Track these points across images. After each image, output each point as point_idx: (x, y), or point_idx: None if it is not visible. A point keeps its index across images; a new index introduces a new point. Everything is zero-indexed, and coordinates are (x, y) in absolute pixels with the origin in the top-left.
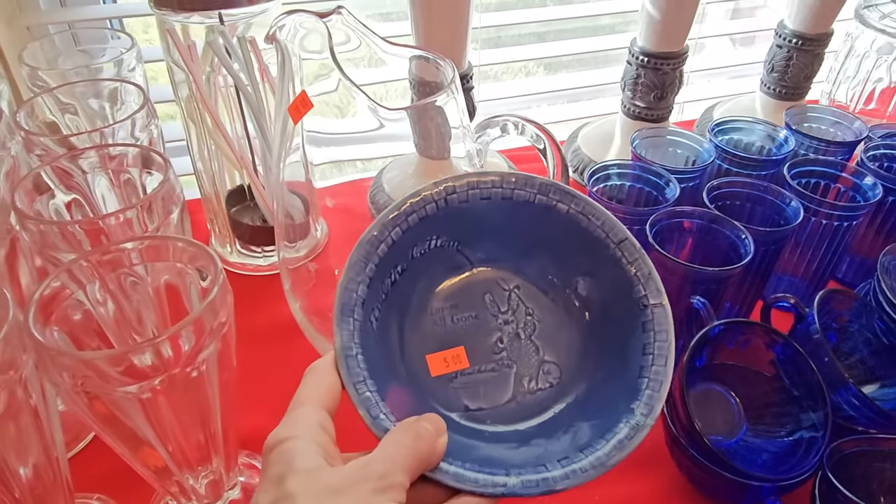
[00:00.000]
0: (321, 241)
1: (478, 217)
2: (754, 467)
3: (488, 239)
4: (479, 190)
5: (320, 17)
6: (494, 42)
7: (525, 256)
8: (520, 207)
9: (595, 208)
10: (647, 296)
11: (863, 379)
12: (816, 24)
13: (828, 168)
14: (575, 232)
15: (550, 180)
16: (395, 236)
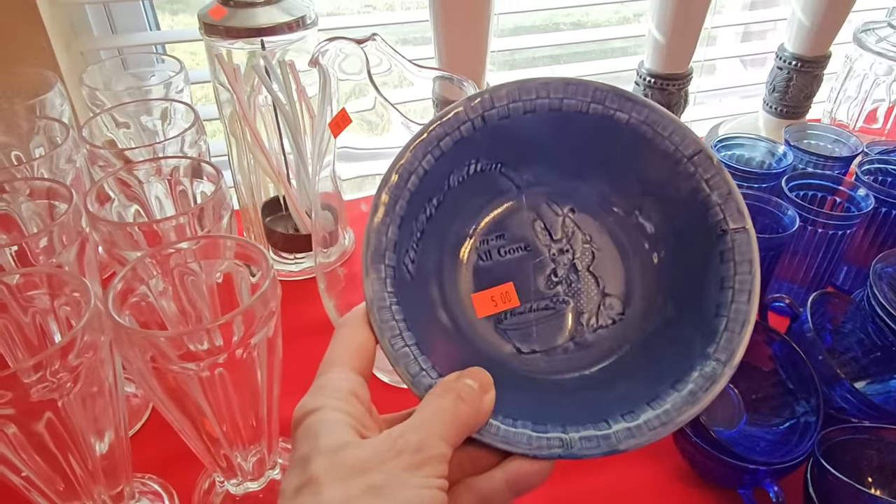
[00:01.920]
0: (349, 248)
1: (523, 134)
2: (753, 454)
3: (536, 158)
4: (522, 102)
5: (358, 44)
6: (510, 64)
7: (580, 176)
8: (571, 119)
9: (663, 116)
10: (725, 219)
11: (856, 375)
12: (814, 48)
13: (823, 181)
14: (638, 145)
15: (607, 84)
16: (426, 165)
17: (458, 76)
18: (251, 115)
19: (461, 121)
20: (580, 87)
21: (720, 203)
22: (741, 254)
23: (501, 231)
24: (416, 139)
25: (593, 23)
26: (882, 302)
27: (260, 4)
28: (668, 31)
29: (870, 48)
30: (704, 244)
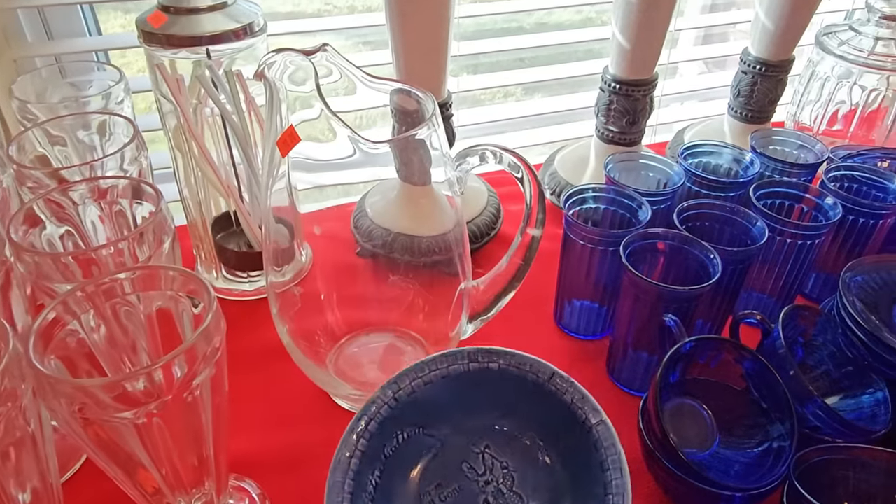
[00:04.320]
0: (306, 266)
1: (429, 400)
2: (727, 478)
3: (447, 414)
4: (420, 378)
5: (306, 55)
6: (473, 68)
7: (483, 417)
8: (460, 378)
9: (521, 357)
10: (588, 417)
11: (828, 390)
12: (778, 52)
13: (791, 189)
14: (511, 382)
15: (476, 347)
16: (362, 447)
17: (416, 88)
18: (198, 127)
19: (380, 406)
20: (458, 354)
21: (580, 406)
22: (606, 440)
23: (437, 479)
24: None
25: (556, 23)
26: (852, 313)
27: (203, 11)
28: (632, 36)
29: (831, 51)
30: (582, 440)
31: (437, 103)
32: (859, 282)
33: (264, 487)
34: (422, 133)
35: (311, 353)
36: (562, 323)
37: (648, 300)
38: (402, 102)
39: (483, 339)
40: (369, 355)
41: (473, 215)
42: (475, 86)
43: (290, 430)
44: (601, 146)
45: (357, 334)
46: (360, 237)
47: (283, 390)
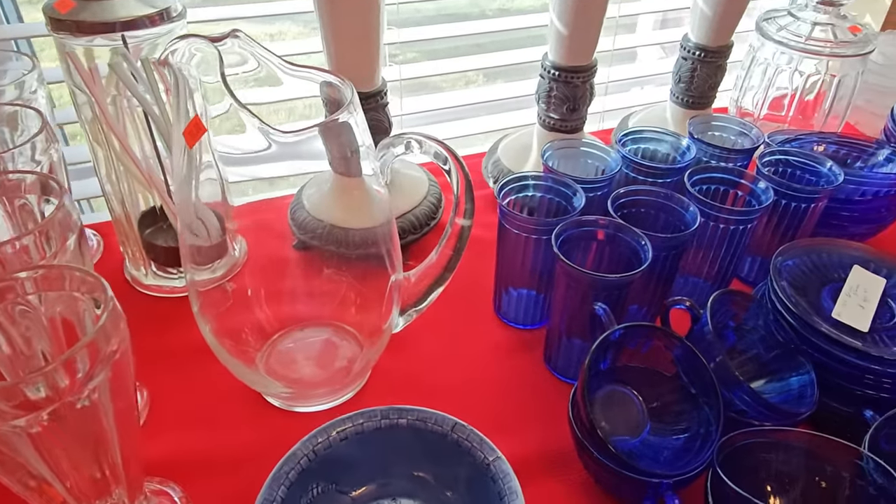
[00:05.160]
0: (240, 260)
1: (345, 455)
2: (656, 465)
3: (360, 469)
4: (337, 433)
5: (212, 42)
6: (432, 54)
7: (396, 469)
8: (374, 434)
9: (426, 412)
10: (485, 456)
11: (757, 374)
12: (716, 38)
13: (725, 174)
14: (420, 434)
15: (388, 407)
16: (282, 494)
17: (336, 76)
18: (118, 120)
19: (299, 457)
20: (372, 413)
21: (479, 448)
22: (503, 472)
23: None
24: (273, 476)
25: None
26: (781, 297)
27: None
28: (569, 22)
29: (771, 37)
30: (483, 477)
31: (355, 92)
32: (790, 266)
33: (189, 490)
34: (337, 121)
35: (239, 351)
36: (501, 313)
37: (580, 288)
38: (331, 92)
39: (423, 333)
40: (304, 351)
41: (412, 205)
42: (420, 73)
43: (218, 431)
44: (543, 133)
45: (290, 330)
46: (296, 229)
47: (212, 389)
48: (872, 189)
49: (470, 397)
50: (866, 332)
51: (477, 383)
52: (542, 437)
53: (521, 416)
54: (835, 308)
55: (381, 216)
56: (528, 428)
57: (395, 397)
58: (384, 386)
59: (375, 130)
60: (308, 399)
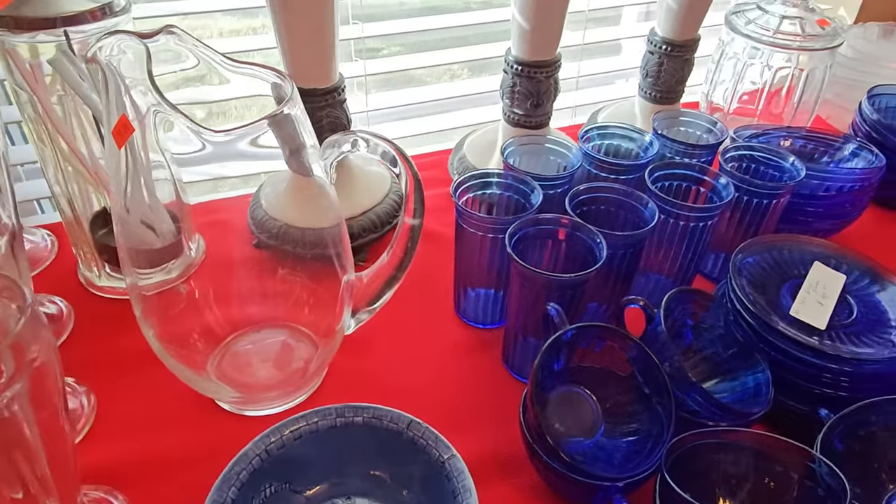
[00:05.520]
0: (196, 260)
1: (298, 455)
2: (610, 466)
3: (314, 468)
4: (291, 432)
5: (142, 38)
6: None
7: (351, 468)
8: (329, 433)
9: (381, 410)
10: (440, 454)
11: (713, 373)
12: (682, 32)
13: (687, 171)
14: (375, 432)
15: (343, 404)
16: (232, 495)
17: (274, 72)
18: (67, 118)
19: (251, 457)
20: (327, 411)
21: (434, 446)
22: (457, 470)
23: None
24: (223, 477)
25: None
26: (739, 296)
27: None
28: (531, 16)
29: (739, 30)
30: (438, 475)
31: (295, 88)
32: (750, 263)
33: (135, 498)
34: (275, 118)
35: (187, 356)
36: (461, 312)
37: (533, 288)
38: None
39: (382, 333)
40: (258, 354)
41: (374, 203)
42: (389, 68)
43: (168, 436)
44: (508, 129)
45: (244, 332)
46: (255, 228)
47: (163, 392)
48: (836, 184)
49: (427, 397)
50: (824, 329)
51: (434, 383)
52: (497, 437)
53: (477, 416)
54: (793, 305)
55: (332, 217)
56: (483, 428)
57: (351, 398)
58: (341, 387)
59: (333, 128)
60: (261, 402)
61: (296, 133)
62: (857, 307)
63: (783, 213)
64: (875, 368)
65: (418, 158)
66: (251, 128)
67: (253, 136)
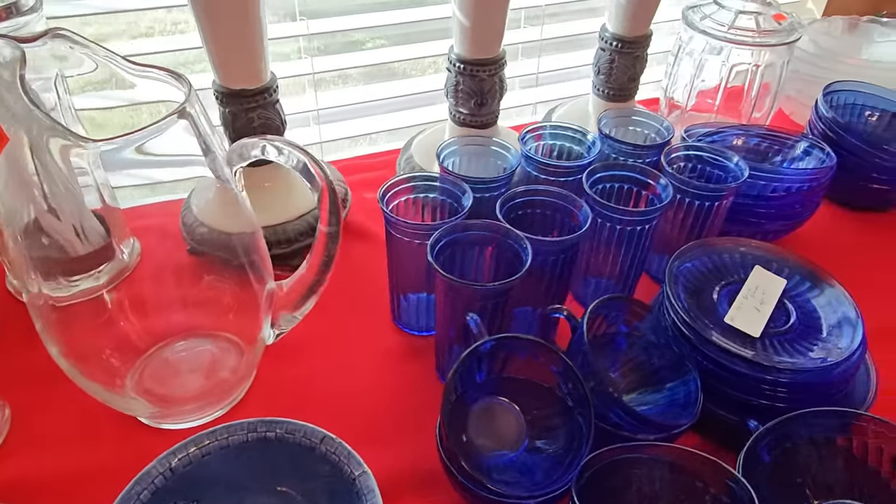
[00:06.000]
0: (131, 263)
1: (208, 471)
2: (531, 481)
3: (224, 485)
4: (199, 449)
5: (22, 42)
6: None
7: (264, 484)
8: (241, 448)
9: (294, 425)
10: (352, 471)
11: (646, 382)
12: (633, 28)
13: (628, 172)
14: (288, 447)
15: (256, 419)
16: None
17: (169, 74)
18: None
19: (153, 476)
20: (238, 426)
21: (346, 462)
22: (367, 488)
23: None
24: (120, 498)
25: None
26: (673, 304)
27: None
28: (470, 13)
29: (696, 26)
30: (349, 492)
31: (193, 91)
32: (689, 268)
33: None
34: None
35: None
36: (398, 320)
37: (456, 296)
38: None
39: (316, 342)
40: (182, 365)
41: (311, 206)
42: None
43: (84, 450)
44: (455, 129)
45: (168, 343)
46: (186, 234)
47: (81, 405)
48: (784, 185)
49: (354, 408)
50: (757, 337)
51: (364, 393)
52: (421, 451)
53: (403, 429)
54: (729, 312)
55: (242, 223)
56: (407, 441)
57: (276, 409)
58: (267, 398)
59: (266, 129)
60: (181, 415)
61: (197, 138)
62: (794, 313)
63: (733, 215)
64: (804, 378)
65: (370, 158)
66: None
67: (139, 143)
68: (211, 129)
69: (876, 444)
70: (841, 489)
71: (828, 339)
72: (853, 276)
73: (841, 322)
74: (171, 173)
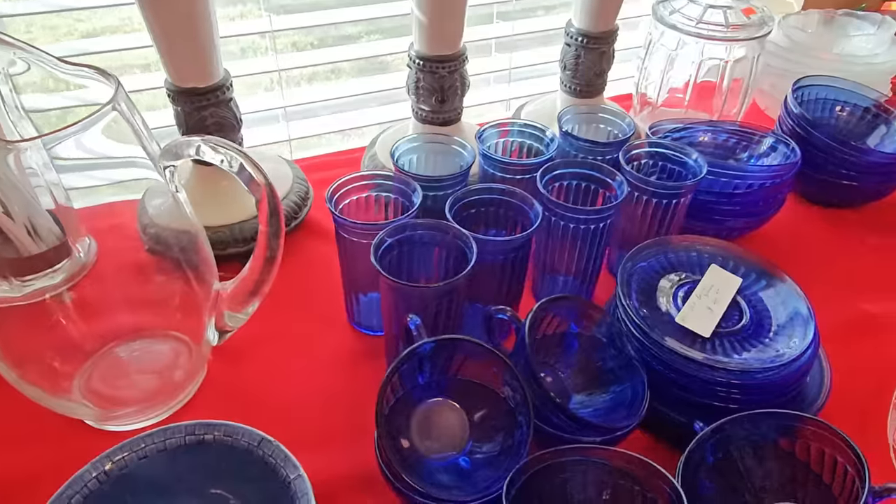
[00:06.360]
0: (88, 263)
1: (144, 474)
2: (472, 485)
3: (163, 488)
4: (135, 453)
5: None
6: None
7: (203, 487)
8: (179, 451)
9: (233, 427)
10: (287, 474)
11: (598, 383)
12: (598, 23)
13: (584, 169)
14: (227, 450)
15: (194, 421)
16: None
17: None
18: None
19: (86, 479)
20: (176, 429)
21: (283, 465)
22: (301, 490)
23: None
24: (53, 501)
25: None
26: (624, 304)
27: None
28: (427, 10)
29: (665, 21)
30: (284, 495)
31: (120, 89)
32: (643, 267)
33: None
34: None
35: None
36: (354, 320)
37: (398, 297)
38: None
39: (269, 343)
40: (130, 366)
41: None
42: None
43: (22, 452)
44: (418, 127)
45: (117, 343)
46: (143, 234)
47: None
48: (746, 182)
49: (304, 410)
50: (708, 337)
51: (315, 395)
52: (367, 454)
53: (352, 430)
54: (681, 312)
55: (184, 223)
56: (356, 443)
57: (225, 411)
58: (217, 400)
59: (220, 127)
60: (125, 417)
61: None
62: (748, 312)
63: (697, 212)
64: (753, 378)
65: (336, 156)
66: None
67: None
68: (144, 128)
69: (818, 448)
70: (784, 492)
71: (778, 338)
72: (818, 272)
73: (794, 321)
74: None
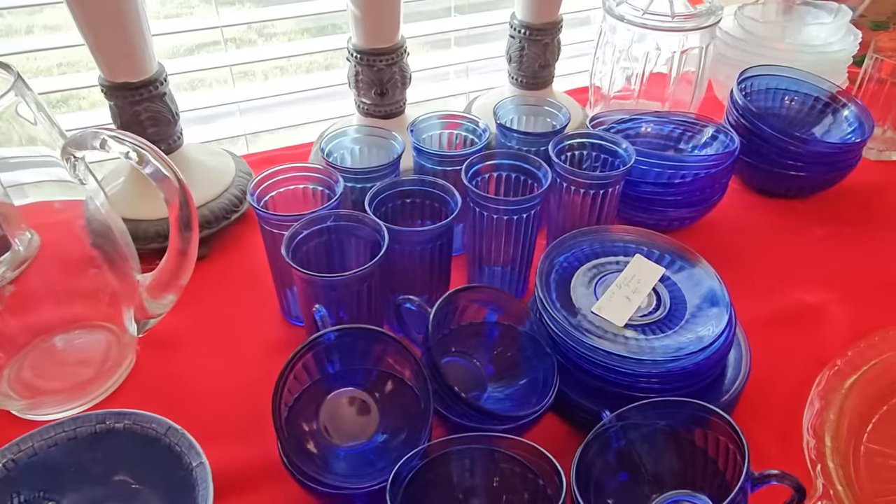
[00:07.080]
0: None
1: (55, 462)
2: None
3: (73, 475)
4: (44, 440)
5: None
6: None
7: (113, 474)
8: (90, 440)
9: (143, 416)
10: (191, 462)
11: (514, 373)
12: (540, 15)
13: (513, 161)
14: (137, 438)
15: (105, 410)
16: None
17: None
18: None
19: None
20: (87, 418)
21: (187, 452)
22: (202, 478)
23: None
24: None
25: None
26: (540, 296)
27: None
28: (362, 3)
29: (613, 13)
30: (187, 482)
31: (19, 79)
32: (562, 263)
33: None
34: None
35: None
36: (286, 312)
37: (307, 287)
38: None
39: (200, 335)
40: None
41: (212, 196)
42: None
43: None
44: (362, 120)
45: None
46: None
47: None
48: (681, 172)
49: (225, 401)
50: (623, 326)
51: (239, 386)
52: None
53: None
54: (598, 301)
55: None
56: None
57: (150, 402)
58: (143, 391)
59: (156, 122)
60: (50, 406)
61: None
62: (668, 301)
63: (639, 203)
64: (665, 367)
65: (287, 150)
66: None
67: None
68: (47, 119)
69: (714, 436)
70: (683, 478)
71: (692, 327)
72: (760, 262)
73: (709, 310)
74: None
